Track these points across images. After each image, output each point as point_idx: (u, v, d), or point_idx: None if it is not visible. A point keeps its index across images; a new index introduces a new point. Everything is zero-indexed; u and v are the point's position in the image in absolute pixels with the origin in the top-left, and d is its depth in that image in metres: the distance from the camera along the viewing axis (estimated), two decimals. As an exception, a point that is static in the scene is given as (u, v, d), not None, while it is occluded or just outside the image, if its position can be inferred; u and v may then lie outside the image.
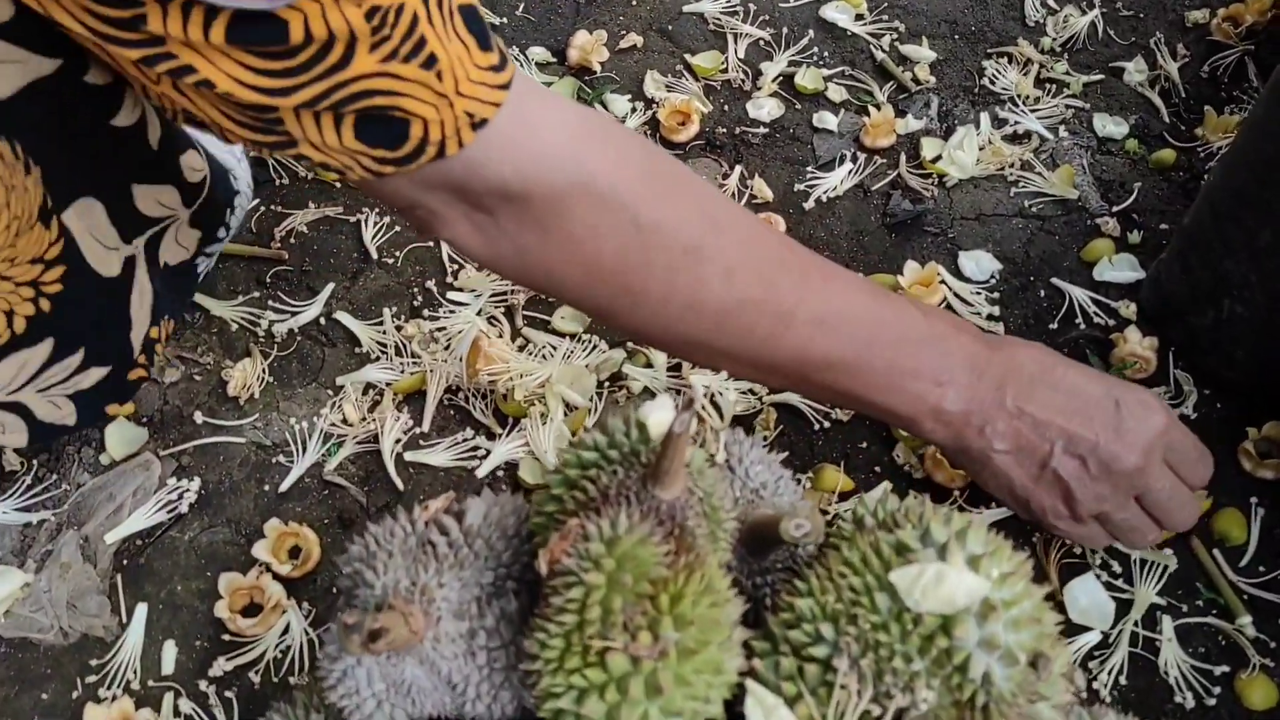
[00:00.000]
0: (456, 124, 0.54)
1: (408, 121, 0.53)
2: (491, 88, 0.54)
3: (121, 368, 0.79)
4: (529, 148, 0.56)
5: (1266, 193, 0.81)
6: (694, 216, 0.61)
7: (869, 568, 0.53)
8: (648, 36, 1.23)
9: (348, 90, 0.51)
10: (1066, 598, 0.81)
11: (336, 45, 0.49)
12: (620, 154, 0.60)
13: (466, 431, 0.90)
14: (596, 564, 0.51)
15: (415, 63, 0.51)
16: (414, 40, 0.51)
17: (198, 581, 0.82)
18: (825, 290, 0.65)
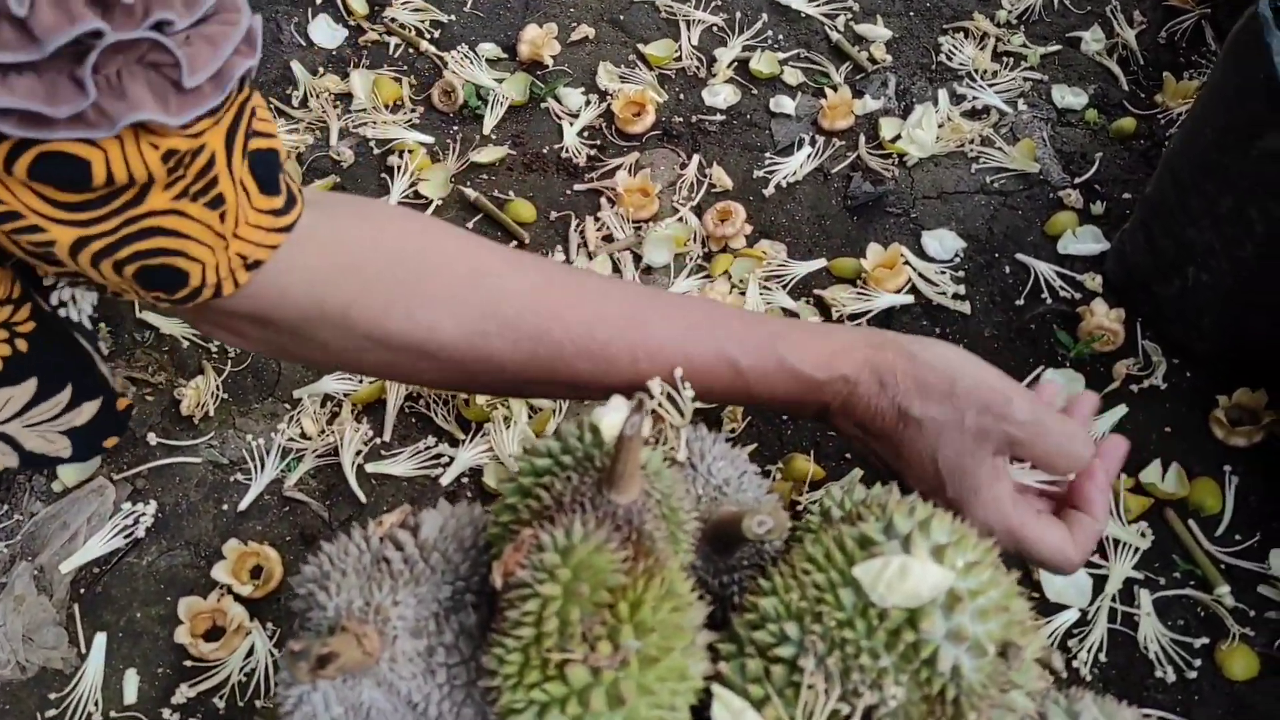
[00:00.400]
0: (230, 265, 0.55)
1: (187, 272, 0.54)
2: (269, 230, 0.55)
3: (109, 399, 0.79)
4: (266, 291, 0.57)
5: (1226, 159, 0.80)
6: (455, 329, 0.61)
7: (832, 563, 0.51)
8: (599, 27, 1.21)
9: (137, 226, 0.51)
10: (1042, 578, 0.80)
11: (133, 186, 0.49)
12: (365, 285, 0.60)
13: (429, 439, 0.88)
14: (551, 574, 0.49)
15: (203, 201, 0.51)
16: (206, 180, 0.51)
17: (157, 607, 0.80)
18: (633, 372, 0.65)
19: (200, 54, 0.49)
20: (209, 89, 0.49)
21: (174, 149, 0.49)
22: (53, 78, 0.44)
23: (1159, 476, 0.84)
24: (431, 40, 1.19)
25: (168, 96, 0.48)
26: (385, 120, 1.11)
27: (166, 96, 0.48)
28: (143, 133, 0.48)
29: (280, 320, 0.60)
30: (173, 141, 0.49)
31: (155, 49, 0.47)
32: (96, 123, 0.46)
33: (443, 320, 0.61)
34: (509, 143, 1.10)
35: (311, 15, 1.20)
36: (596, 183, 1.06)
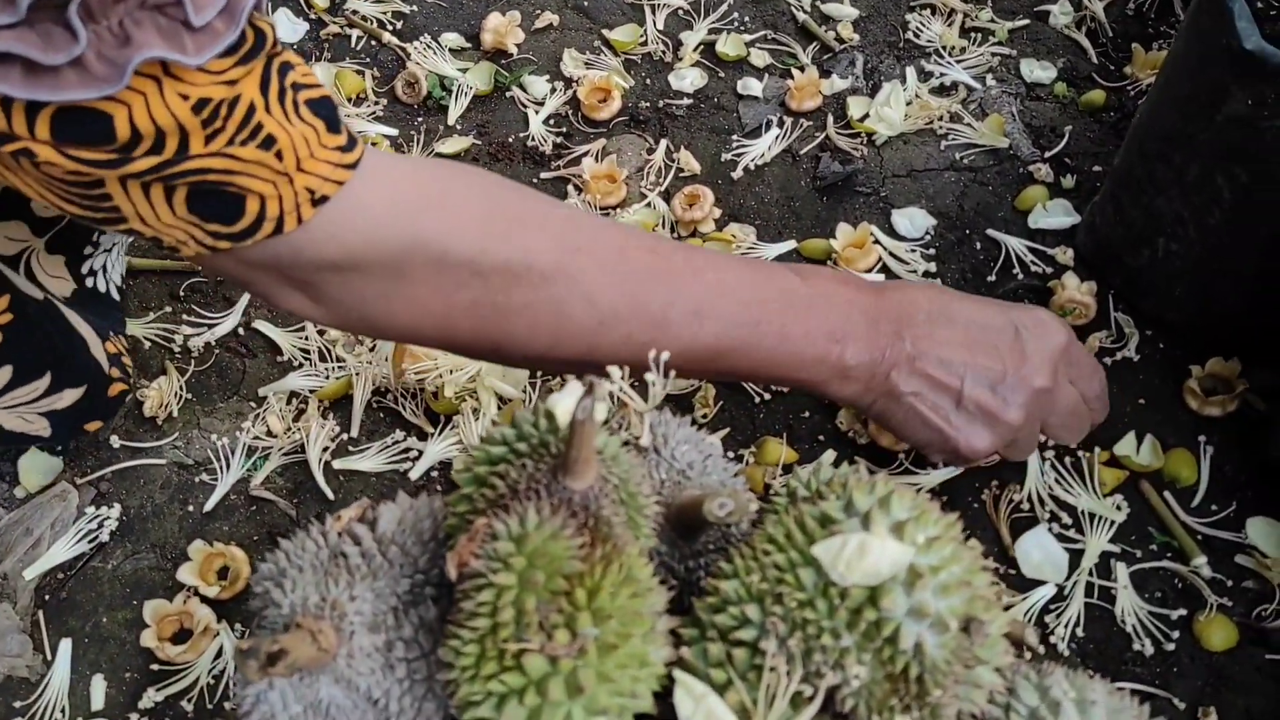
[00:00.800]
0: (296, 200, 0.53)
1: (243, 197, 0.52)
2: (336, 166, 0.54)
3: (98, 385, 0.78)
4: (358, 224, 0.57)
5: (1191, 128, 0.79)
6: (545, 248, 0.61)
7: (792, 543, 0.50)
8: (563, 14, 1.19)
9: (180, 167, 0.49)
10: (1018, 553, 0.79)
11: (169, 140, 0.48)
12: (457, 211, 0.59)
13: (397, 433, 0.87)
14: (506, 563, 0.48)
15: (253, 144, 0.50)
16: (250, 127, 0.50)
17: (124, 611, 0.79)
18: (697, 285, 0.64)
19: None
20: (221, 25, 0.47)
21: (206, 98, 0.48)
22: (46, 28, 0.43)
23: (1134, 449, 0.83)
24: (394, 31, 1.18)
25: (180, 36, 0.46)
26: (348, 114, 1.10)
27: (179, 36, 0.46)
28: (170, 82, 0.47)
29: (374, 260, 0.57)
30: (204, 90, 0.47)
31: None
32: (105, 75, 0.44)
33: (534, 238, 0.60)
34: (474, 133, 1.09)
35: (271, 9, 1.18)
36: (563, 170, 1.05)
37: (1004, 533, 0.80)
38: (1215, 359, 0.86)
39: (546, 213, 0.63)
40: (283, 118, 0.51)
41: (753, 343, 0.65)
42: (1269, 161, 0.75)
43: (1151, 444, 0.83)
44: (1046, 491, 0.82)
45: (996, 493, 0.82)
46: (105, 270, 0.83)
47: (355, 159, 0.55)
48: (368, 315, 0.62)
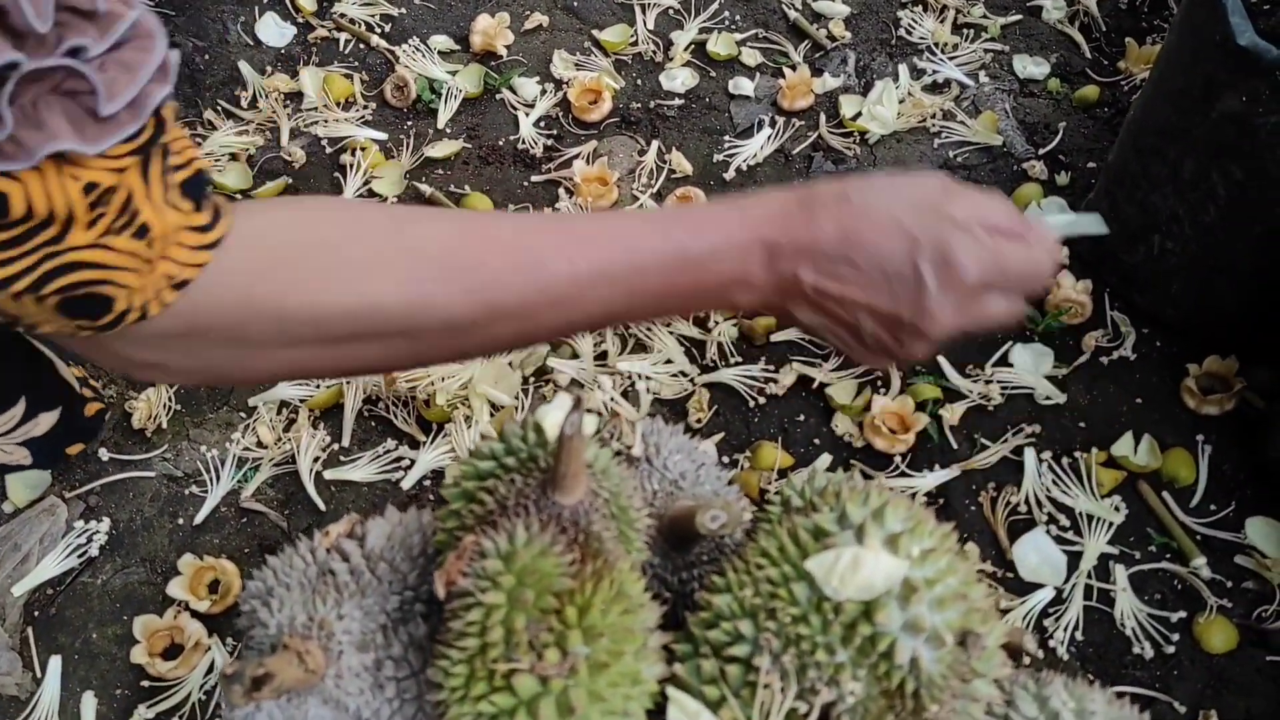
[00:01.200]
0: (158, 287, 0.53)
1: (112, 298, 0.52)
2: (196, 249, 0.53)
3: (72, 405, 0.77)
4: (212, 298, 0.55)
5: (1186, 123, 0.79)
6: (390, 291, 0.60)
7: (786, 557, 0.50)
8: (553, 15, 1.18)
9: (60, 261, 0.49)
10: (1016, 556, 0.78)
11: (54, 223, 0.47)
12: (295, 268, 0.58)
13: (389, 442, 0.86)
14: (494, 582, 0.47)
15: (128, 234, 0.50)
16: (129, 213, 0.49)
17: (114, 626, 0.78)
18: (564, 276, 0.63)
19: (117, 80, 0.47)
20: (126, 116, 0.48)
21: (95, 181, 0.48)
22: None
23: (1131, 449, 0.82)
24: (382, 34, 1.17)
25: (84, 124, 0.47)
26: (337, 118, 1.09)
27: (83, 125, 0.47)
28: (63, 164, 0.47)
29: (212, 329, 0.58)
30: (94, 174, 0.48)
31: (71, 76, 0.46)
32: (13, 154, 0.45)
33: (377, 281, 0.59)
34: (464, 136, 1.08)
35: (259, 14, 1.17)
36: (554, 173, 1.04)
37: (1001, 535, 0.80)
38: (1212, 357, 0.85)
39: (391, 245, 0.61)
40: (161, 202, 0.52)
41: (633, 310, 0.65)
42: (1264, 158, 0.74)
43: (1149, 444, 0.82)
44: (1044, 493, 0.81)
45: (994, 495, 0.81)
46: None
47: (217, 237, 0.55)
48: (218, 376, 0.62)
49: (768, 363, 0.89)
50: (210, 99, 1.11)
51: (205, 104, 1.10)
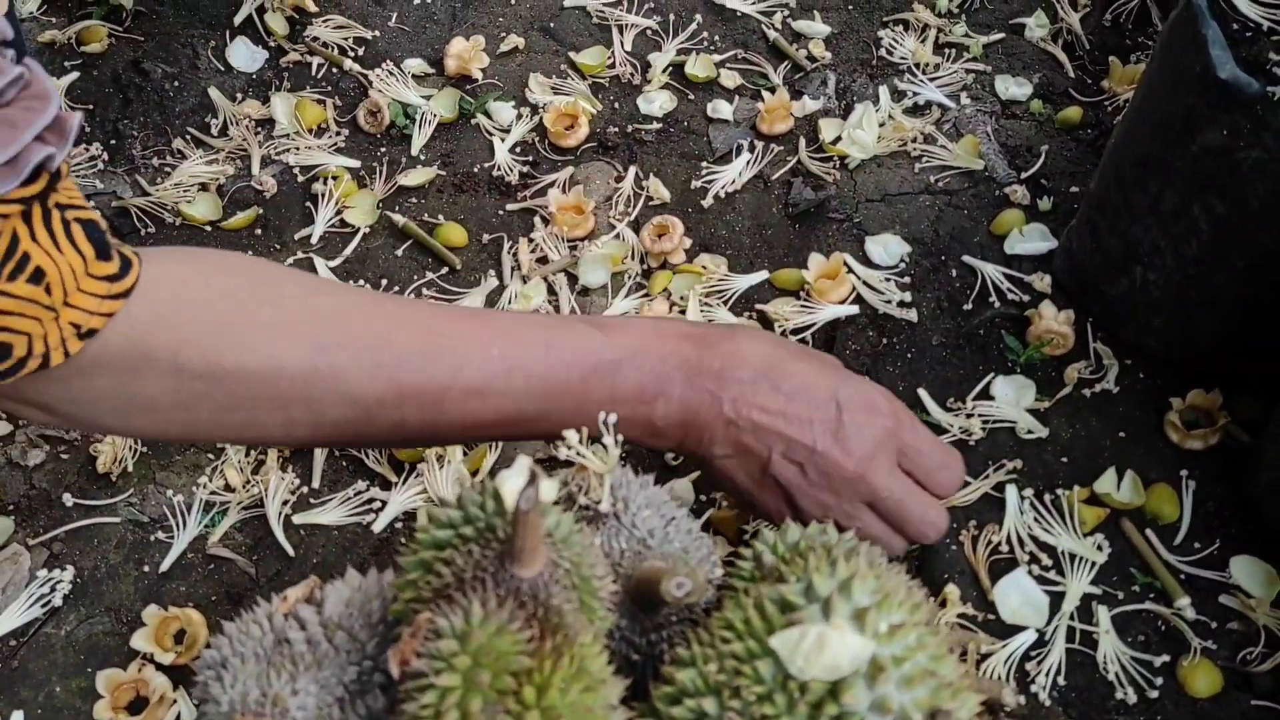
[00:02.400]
0: (62, 335, 0.52)
1: (9, 345, 0.51)
2: (104, 298, 0.52)
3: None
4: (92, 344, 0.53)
5: (1166, 155, 0.77)
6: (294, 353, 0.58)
7: (751, 631, 0.48)
8: (529, 37, 1.17)
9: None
10: (997, 598, 0.77)
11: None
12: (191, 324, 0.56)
13: (360, 483, 0.85)
14: (449, 663, 0.46)
15: (22, 279, 0.49)
16: (16, 258, 0.48)
17: (78, 679, 0.76)
18: (480, 364, 0.61)
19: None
20: (3, 173, 0.47)
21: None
22: None
23: (1114, 485, 0.81)
24: (355, 58, 1.15)
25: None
26: (309, 145, 1.07)
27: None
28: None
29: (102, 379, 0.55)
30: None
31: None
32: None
33: (281, 344, 0.58)
34: (438, 163, 1.07)
35: (230, 38, 1.16)
36: (530, 201, 1.03)
37: (983, 576, 0.78)
38: (1196, 390, 0.84)
39: (299, 308, 0.59)
40: (50, 244, 0.50)
41: (550, 412, 0.63)
42: (1246, 192, 0.73)
43: (1132, 480, 0.81)
44: (1026, 531, 0.80)
45: (975, 533, 0.80)
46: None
47: (128, 286, 0.53)
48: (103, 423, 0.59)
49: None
50: (180, 126, 1.09)
51: (175, 132, 1.09)
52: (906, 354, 0.90)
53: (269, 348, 0.58)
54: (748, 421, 0.64)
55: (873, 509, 0.66)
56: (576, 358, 0.63)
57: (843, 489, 0.65)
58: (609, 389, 0.63)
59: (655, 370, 0.64)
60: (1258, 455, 0.80)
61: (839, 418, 0.64)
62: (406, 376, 0.60)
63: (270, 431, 0.61)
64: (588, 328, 0.64)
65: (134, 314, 0.55)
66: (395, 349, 0.60)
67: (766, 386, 0.64)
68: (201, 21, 1.17)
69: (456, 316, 0.64)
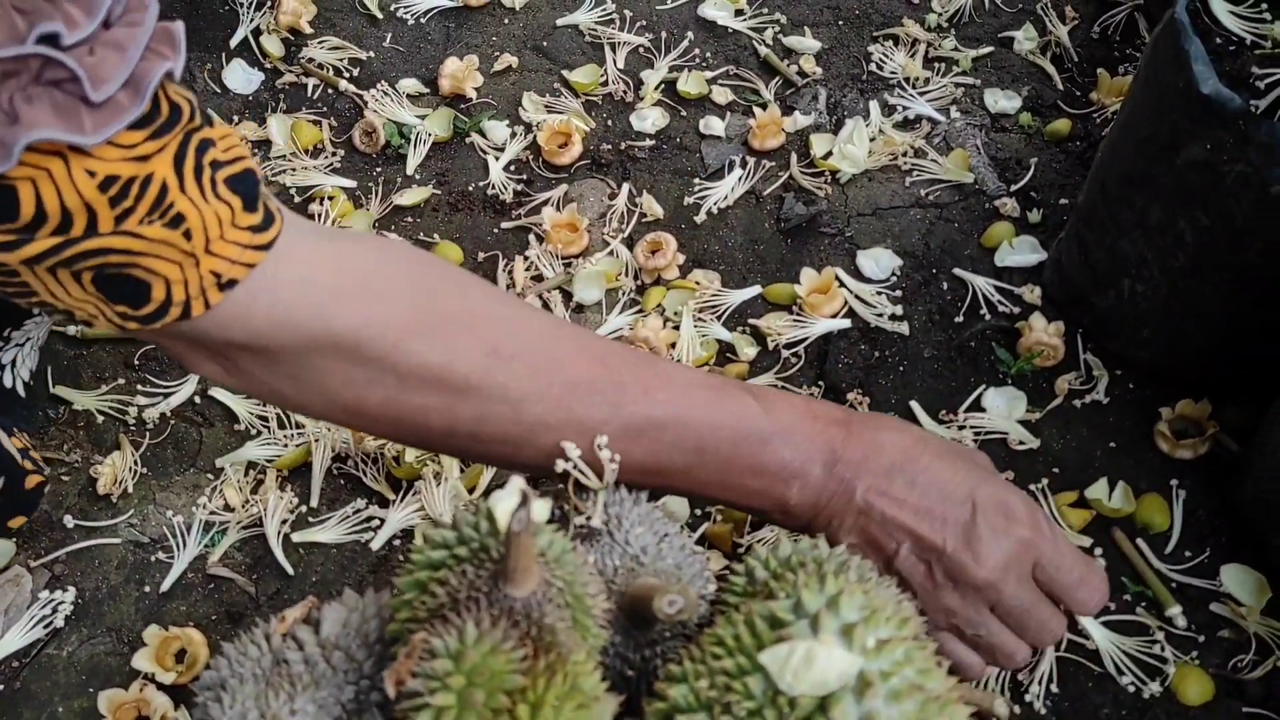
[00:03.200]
0: (202, 284, 0.51)
1: (149, 283, 0.50)
2: (246, 247, 0.51)
3: (14, 478, 0.76)
4: (266, 310, 0.53)
5: (1152, 170, 0.78)
6: (473, 352, 0.58)
7: (741, 647, 0.49)
8: (523, 55, 1.18)
9: (83, 246, 0.47)
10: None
11: (75, 220, 0.46)
12: (379, 302, 0.56)
13: (358, 502, 0.86)
14: (444, 682, 0.47)
15: (160, 223, 0.48)
16: (162, 207, 0.47)
17: (80, 699, 0.77)
18: (645, 401, 0.60)
19: (106, 62, 0.45)
20: (125, 99, 0.45)
21: (114, 174, 0.46)
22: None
23: (1105, 494, 0.82)
24: (351, 79, 1.16)
25: (78, 113, 0.44)
26: (305, 166, 1.08)
27: (76, 114, 0.44)
28: (76, 158, 0.45)
29: (281, 346, 0.55)
30: (112, 167, 0.46)
31: (50, 65, 0.44)
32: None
33: (464, 342, 0.57)
34: (433, 182, 1.08)
35: (226, 60, 1.17)
36: (524, 219, 1.04)
37: (975, 587, 0.79)
38: (1185, 400, 0.85)
39: (483, 311, 0.59)
40: (197, 196, 0.49)
41: (693, 468, 0.62)
42: (1230, 206, 0.74)
43: (1124, 490, 0.82)
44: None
45: (967, 545, 0.81)
46: (14, 365, 0.81)
47: (270, 239, 0.52)
48: (279, 391, 0.59)
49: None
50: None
51: (173, 154, 1.10)
52: (898, 367, 0.91)
53: (450, 342, 0.57)
54: (879, 513, 0.62)
55: (995, 613, 0.64)
56: (732, 420, 0.61)
57: (968, 593, 0.62)
58: (755, 460, 0.62)
59: (802, 450, 0.62)
60: (1246, 464, 0.80)
61: (973, 520, 0.61)
62: (573, 403, 0.59)
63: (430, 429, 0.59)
64: (747, 395, 0.62)
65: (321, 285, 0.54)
66: (566, 373, 0.59)
67: (902, 479, 0.62)
68: (198, 44, 1.18)
69: (626, 353, 0.63)
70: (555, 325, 0.63)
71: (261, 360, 0.56)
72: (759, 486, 0.62)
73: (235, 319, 0.53)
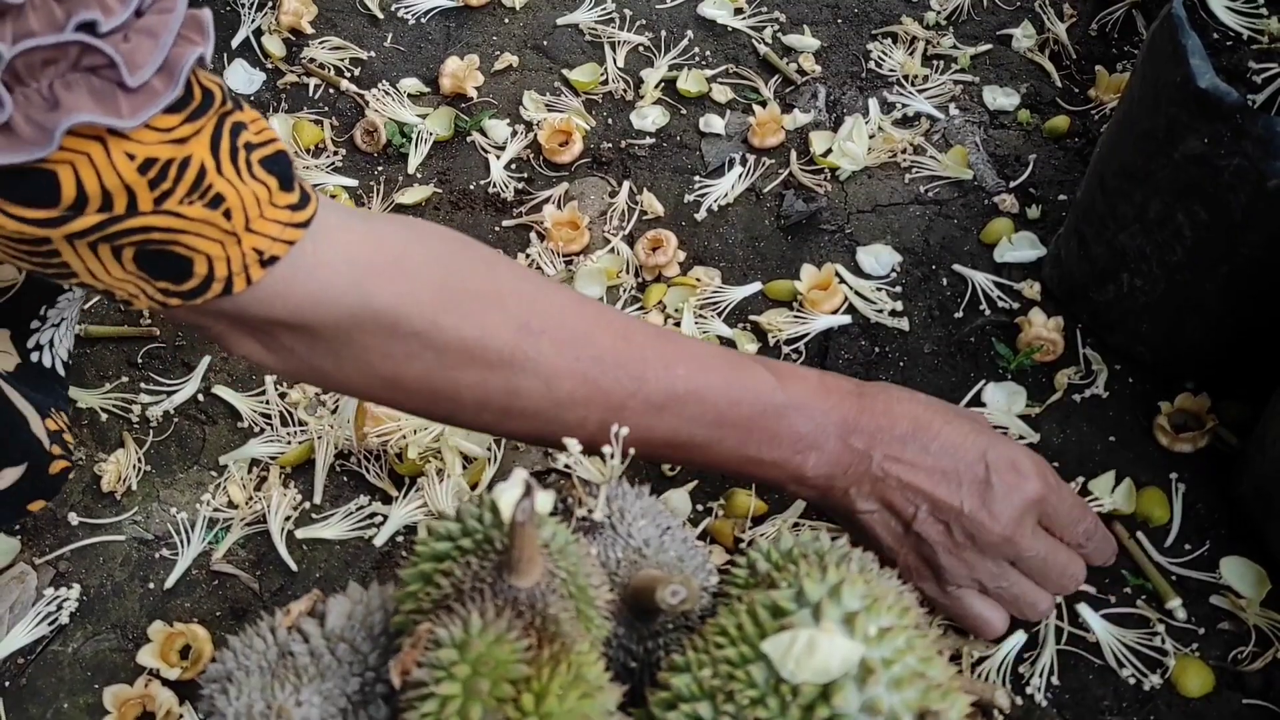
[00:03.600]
0: (244, 260, 0.52)
1: (190, 259, 0.51)
2: (285, 225, 0.53)
3: (39, 463, 0.76)
4: (307, 287, 0.55)
5: (1150, 165, 0.79)
6: (504, 328, 0.59)
7: (744, 636, 0.49)
8: (523, 55, 1.18)
9: (125, 225, 0.48)
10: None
11: (116, 200, 0.47)
12: (413, 279, 0.58)
13: (361, 498, 0.86)
14: (449, 672, 0.47)
15: (200, 203, 0.49)
16: (201, 188, 0.49)
17: (85, 696, 0.77)
18: (665, 378, 0.62)
19: (140, 48, 0.46)
20: (159, 84, 0.47)
21: (153, 157, 0.47)
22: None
23: (1105, 489, 0.82)
24: (352, 78, 1.17)
25: (115, 98, 0.46)
26: (307, 165, 1.09)
27: (114, 98, 0.45)
28: (115, 141, 0.46)
29: (322, 323, 0.56)
30: (151, 149, 0.47)
31: (88, 52, 0.45)
32: (33, 139, 0.44)
33: (494, 317, 0.59)
34: (435, 180, 1.08)
35: (227, 61, 1.17)
36: (525, 217, 1.04)
37: (976, 581, 0.79)
38: (1184, 394, 0.85)
39: (511, 288, 0.61)
40: (234, 176, 0.50)
41: (712, 442, 0.64)
42: (1228, 200, 0.74)
43: (1126, 486, 0.82)
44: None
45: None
46: (52, 345, 0.82)
47: (307, 217, 0.54)
48: (319, 369, 0.60)
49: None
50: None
51: (175, 154, 1.10)
52: (899, 363, 0.92)
53: (482, 317, 0.58)
54: (895, 479, 0.65)
55: (1015, 566, 0.67)
56: (750, 394, 0.64)
57: (988, 549, 0.66)
58: (772, 432, 0.64)
59: (817, 422, 0.65)
60: (1245, 458, 0.81)
61: (987, 479, 0.64)
62: (599, 377, 0.61)
63: (463, 403, 0.61)
64: (762, 369, 0.65)
65: (358, 262, 0.55)
66: (593, 348, 0.61)
67: (916, 446, 0.65)
68: (200, 45, 1.18)
69: (648, 329, 0.65)
70: (579, 301, 0.64)
71: (303, 337, 0.57)
72: (776, 458, 0.64)
73: (277, 296, 0.54)
